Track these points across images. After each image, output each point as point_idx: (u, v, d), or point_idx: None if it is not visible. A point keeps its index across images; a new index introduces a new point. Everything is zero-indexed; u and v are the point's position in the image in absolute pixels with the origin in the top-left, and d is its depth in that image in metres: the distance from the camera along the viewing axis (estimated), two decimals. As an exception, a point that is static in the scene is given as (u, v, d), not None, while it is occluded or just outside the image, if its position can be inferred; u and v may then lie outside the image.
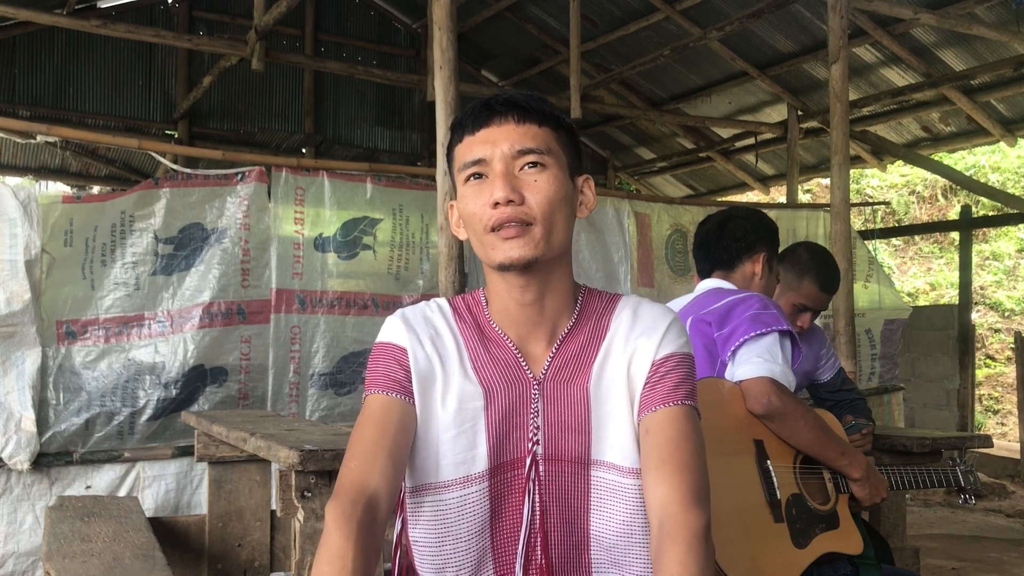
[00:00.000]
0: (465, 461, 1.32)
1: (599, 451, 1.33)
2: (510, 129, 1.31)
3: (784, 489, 2.06)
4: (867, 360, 6.35)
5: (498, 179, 1.29)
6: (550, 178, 1.30)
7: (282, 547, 3.48)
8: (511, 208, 1.27)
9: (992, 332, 11.39)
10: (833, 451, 2.14)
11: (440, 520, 1.32)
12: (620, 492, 1.33)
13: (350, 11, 9.32)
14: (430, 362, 1.34)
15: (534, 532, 1.32)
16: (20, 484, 3.64)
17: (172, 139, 8.38)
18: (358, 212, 4.54)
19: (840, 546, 2.09)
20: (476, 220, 1.31)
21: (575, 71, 6.69)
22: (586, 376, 1.35)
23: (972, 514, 6.27)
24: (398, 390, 1.33)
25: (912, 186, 13.12)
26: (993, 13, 6.23)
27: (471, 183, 1.32)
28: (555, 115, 1.35)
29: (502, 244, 1.28)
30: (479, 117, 1.33)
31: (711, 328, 2.19)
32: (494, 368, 1.35)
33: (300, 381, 4.33)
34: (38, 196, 3.74)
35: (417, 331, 1.36)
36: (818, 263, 2.81)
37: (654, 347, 1.34)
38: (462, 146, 1.35)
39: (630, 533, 1.33)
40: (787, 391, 2.08)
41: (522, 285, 1.33)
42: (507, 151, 1.30)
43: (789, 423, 2.06)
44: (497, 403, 1.33)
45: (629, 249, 5.42)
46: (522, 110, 1.32)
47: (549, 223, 1.29)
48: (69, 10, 6.25)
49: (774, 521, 1.99)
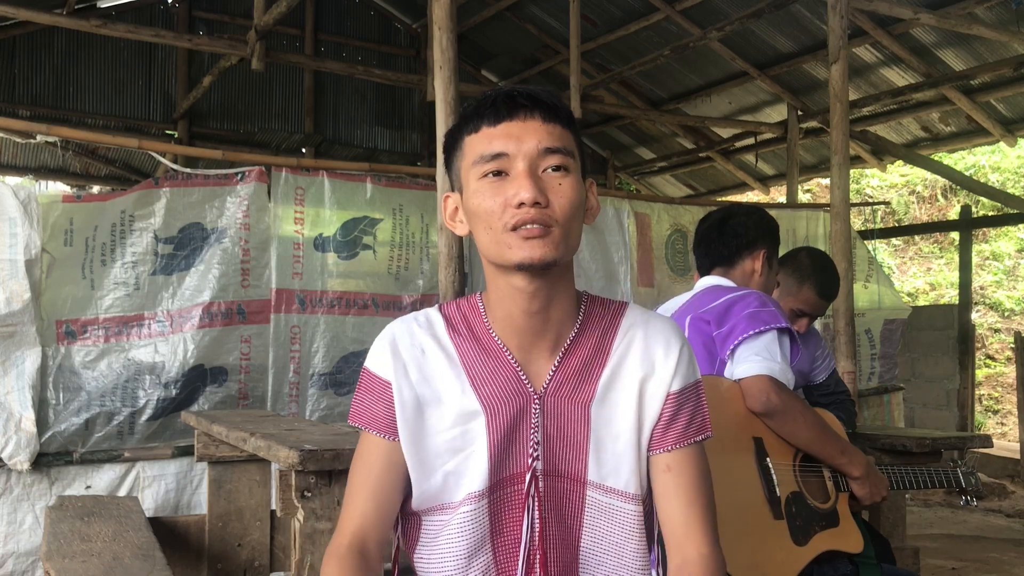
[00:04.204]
0: (468, 481, 1.29)
1: (597, 473, 1.31)
2: (536, 126, 1.24)
3: (783, 487, 2.07)
4: (867, 360, 6.35)
5: (524, 178, 1.22)
6: (573, 183, 1.25)
7: (282, 547, 3.48)
8: (536, 210, 1.21)
9: (992, 332, 11.39)
10: (833, 449, 2.14)
11: (444, 539, 1.31)
12: (616, 515, 1.31)
13: (350, 11, 9.32)
14: (419, 391, 1.30)
15: (533, 548, 1.30)
16: (20, 484, 3.64)
17: (172, 139, 8.38)
18: (358, 212, 4.54)
19: (840, 544, 2.09)
20: (493, 218, 1.24)
21: (575, 71, 6.69)
22: (589, 394, 1.31)
23: (972, 514, 6.27)
24: (381, 429, 1.32)
25: (912, 186, 13.12)
26: (993, 13, 6.23)
27: (489, 179, 1.24)
28: (573, 117, 1.30)
29: (523, 243, 1.22)
30: (501, 109, 1.25)
31: (710, 327, 2.19)
32: (494, 383, 1.30)
33: (300, 381, 4.33)
34: (38, 196, 3.74)
35: (404, 358, 1.31)
36: (819, 269, 2.81)
37: (668, 376, 1.32)
38: (478, 137, 1.26)
39: (619, 555, 1.31)
40: (786, 389, 2.09)
41: (530, 292, 1.27)
42: (533, 149, 1.23)
43: (788, 421, 2.06)
44: (499, 420, 1.29)
45: (629, 249, 5.42)
46: (548, 108, 1.26)
47: (568, 228, 1.24)
48: (69, 10, 6.25)
49: (773, 518, 1.99)
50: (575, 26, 6.70)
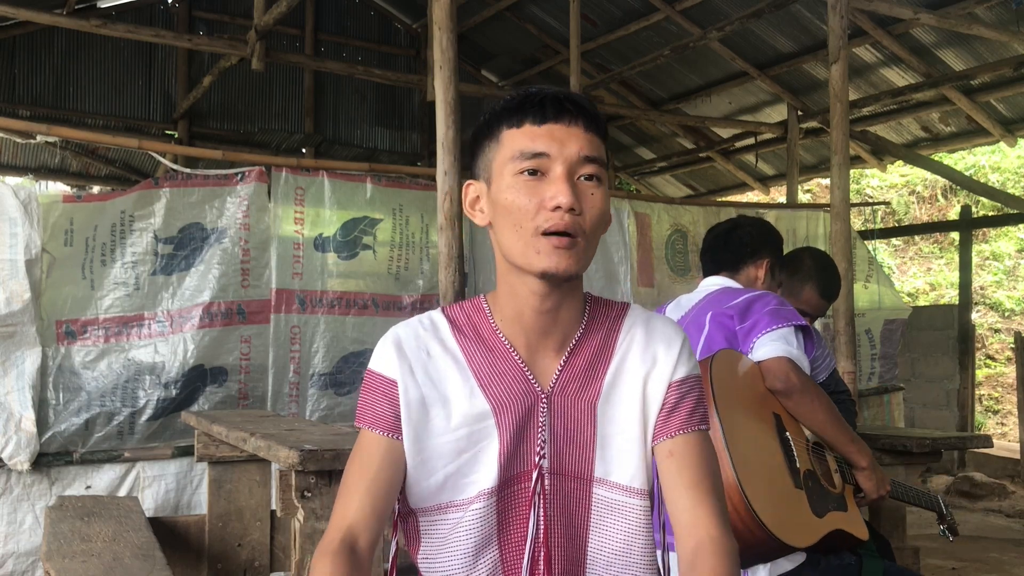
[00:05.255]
0: (477, 480, 1.29)
1: (603, 470, 1.31)
2: (579, 133, 1.24)
3: (801, 462, 2.14)
4: (867, 360, 6.35)
5: (563, 182, 1.22)
6: (604, 195, 1.26)
7: (282, 547, 3.48)
8: (571, 217, 1.21)
9: (992, 332, 11.39)
10: (844, 436, 2.24)
11: (451, 538, 1.30)
12: (622, 512, 1.31)
13: (350, 11, 9.32)
14: (425, 392, 1.30)
15: (538, 547, 1.30)
16: (20, 484, 3.64)
17: (172, 139, 8.38)
18: (358, 212, 4.54)
19: (850, 527, 2.14)
20: (525, 217, 1.23)
21: (575, 71, 6.69)
22: (594, 392, 1.32)
23: (972, 514, 6.27)
24: (384, 427, 1.31)
25: (912, 186, 13.12)
26: (993, 13, 6.23)
27: (525, 177, 1.23)
28: (608, 131, 1.31)
29: (551, 251, 1.21)
30: (547, 109, 1.24)
31: (732, 321, 2.28)
32: (501, 383, 1.31)
33: (300, 381, 4.33)
34: (38, 196, 3.75)
35: (410, 358, 1.31)
36: (821, 270, 2.87)
37: (670, 367, 1.33)
38: (520, 132, 1.25)
39: (628, 552, 1.31)
40: (804, 372, 2.18)
41: (544, 293, 1.27)
42: (574, 155, 1.23)
43: (806, 401, 2.16)
44: (508, 419, 1.29)
45: (629, 249, 5.42)
46: (590, 117, 1.26)
47: (592, 239, 1.26)
48: (69, 10, 6.25)
49: (795, 487, 2.06)
50: (575, 26, 6.70)
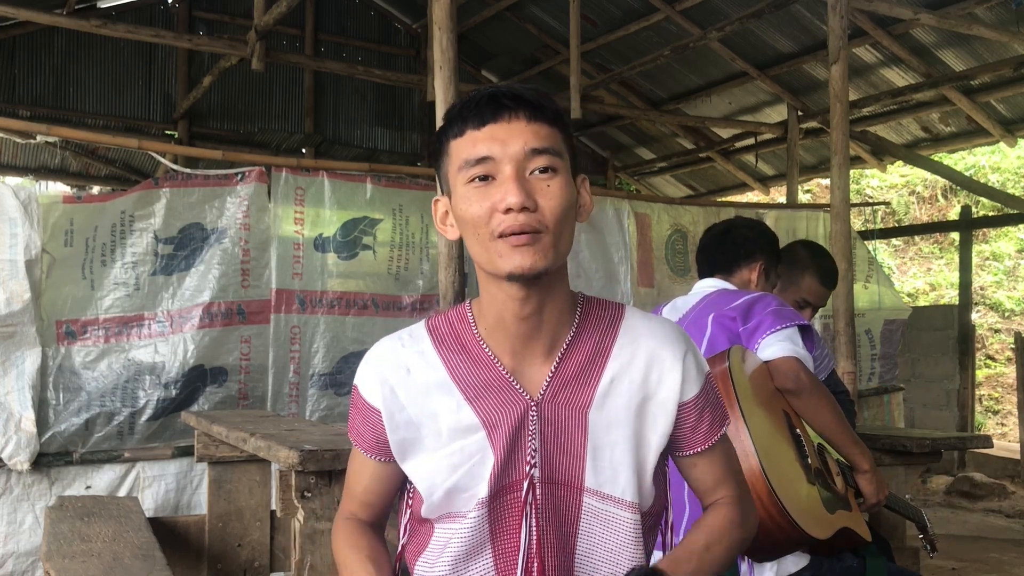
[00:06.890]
0: (471, 492, 1.28)
1: (594, 480, 1.29)
2: (521, 127, 1.21)
3: (812, 459, 2.15)
4: (867, 360, 6.35)
5: (510, 183, 1.18)
6: (562, 184, 1.21)
7: (282, 547, 3.49)
8: (524, 215, 1.18)
9: (992, 332, 11.38)
10: (848, 437, 2.25)
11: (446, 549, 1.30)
12: (612, 523, 1.30)
13: (350, 11, 9.32)
14: (411, 412, 1.30)
15: (531, 558, 1.28)
16: (20, 484, 3.64)
17: (172, 139, 8.37)
18: (358, 212, 4.54)
19: (855, 526, 2.15)
20: (480, 224, 1.20)
21: (575, 71, 6.69)
22: (586, 401, 1.28)
23: (972, 514, 6.27)
24: (369, 450, 1.36)
25: (912, 186, 13.11)
26: (993, 13, 6.23)
27: (475, 184, 1.21)
28: (562, 113, 1.26)
29: (512, 252, 1.19)
30: (485, 111, 1.22)
31: (735, 323, 2.29)
32: (488, 395, 1.28)
33: (300, 381, 4.33)
34: (38, 196, 3.75)
35: (392, 383, 1.31)
36: (817, 259, 2.88)
37: (676, 389, 1.30)
38: (463, 141, 1.23)
39: (615, 562, 1.30)
40: (812, 372, 2.20)
41: (522, 297, 1.24)
42: (518, 152, 1.20)
43: (814, 400, 2.18)
44: (500, 431, 1.27)
45: (629, 249, 5.42)
46: (533, 107, 1.22)
47: (559, 231, 1.21)
48: (69, 10, 6.25)
49: (807, 482, 2.08)
50: (575, 26, 6.70)
